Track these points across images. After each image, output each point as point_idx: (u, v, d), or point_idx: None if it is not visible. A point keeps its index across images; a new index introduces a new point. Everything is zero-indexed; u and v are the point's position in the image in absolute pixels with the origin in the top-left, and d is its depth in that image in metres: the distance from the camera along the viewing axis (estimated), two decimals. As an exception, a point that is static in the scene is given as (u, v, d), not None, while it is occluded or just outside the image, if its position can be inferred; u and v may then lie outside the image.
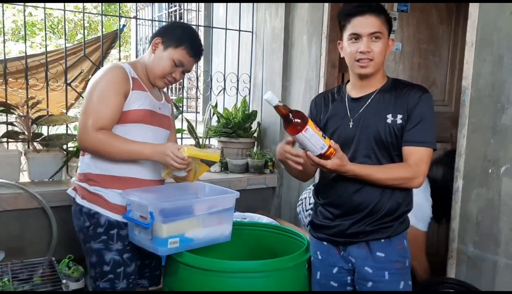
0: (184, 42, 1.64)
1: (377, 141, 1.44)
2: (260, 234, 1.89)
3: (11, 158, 2.40)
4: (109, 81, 1.57)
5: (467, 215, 1.94)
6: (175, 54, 1.64)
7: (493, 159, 1.83)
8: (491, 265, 1.84)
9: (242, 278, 1.50)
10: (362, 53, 1.42)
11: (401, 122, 1.43)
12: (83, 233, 1.64)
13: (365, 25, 1.41)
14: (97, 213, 1.61)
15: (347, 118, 1.50)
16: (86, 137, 1.55)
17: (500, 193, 1.81)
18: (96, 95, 1.56)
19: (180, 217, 1.53)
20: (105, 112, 1.54)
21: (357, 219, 1.48)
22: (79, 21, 9.23)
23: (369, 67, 1.44)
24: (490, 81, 1.84)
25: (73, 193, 1.69)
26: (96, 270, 1.64)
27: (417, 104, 1.43)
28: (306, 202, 2.22)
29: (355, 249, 1.50)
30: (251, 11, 3.33)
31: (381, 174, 1.42)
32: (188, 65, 1.70)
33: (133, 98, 1.60)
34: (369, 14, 1.41)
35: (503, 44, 1.79)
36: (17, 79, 2.74)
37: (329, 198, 1.55)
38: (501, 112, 1.80)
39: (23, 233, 2.30)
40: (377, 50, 1.42)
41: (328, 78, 2.67)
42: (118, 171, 1.62)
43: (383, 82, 1.51)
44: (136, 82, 1.63)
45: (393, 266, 1.48)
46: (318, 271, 1.59)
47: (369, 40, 1.41)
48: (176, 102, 3.24)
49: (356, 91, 1.52)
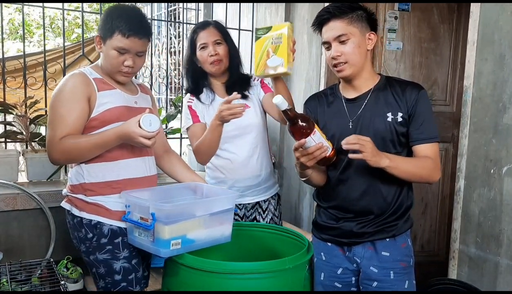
0: (115, 27, 1.52)
1: (377, 140, 1.43)
2: (260, 234, 1.87)
3: (9, 158, 2.39)
4: (68, 90, 1.53)
5: (468, 216, 1.93)
6: (113, 43, 1.54)
7: (495, 159, 1.82)
8: (493, 266, 1.83)
9: (242, 279, 1.48)
10: (334, 59, 1.44)
11: (402, 120, 1.44)
12: (86, 245, 1.60)
13: (329, 31, 1.43)
14: (99, 223, 1.58)
15: (347, 119, 1.49)
16: (52, 149, 1.52)
17: (502, 193, 1.80)
18: (57, 106, 1.53)
19: (182, 218, 1.52)
20: (68, 121, 1.51)
21: (362, 221, 1.48)
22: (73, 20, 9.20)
23: (346, 70, 1.44)
24: (492, 80, 1.83)
25: (67, 206, 1.64)
26: (107, 281, 1.60)
27: (417, 101, 1.44)
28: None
29: (360, 249, 1.50)
30: (251, 10, 3.32)
31: (411, 166, 1.42)
32: (133, 47, 1.54)
33: (101, 99, 1.56)
34: (332, 21, 1.43)
35: (505, 43, 1.78)
36: (15, 78, 2.73)
37: (332, 202, 1.54)
38: (503, 111, 1.79)
39: (21, 234, 2.29)
40: (348, 50, 1.42)
41: (329, 77, 2.66)
42: (112, 175, 1.59)
43: (375, 81, 1.50)
44: (101, 82, 1.59)
45: (398, 266, 1.48)
46: (322, 272, 1.58)
47: (337, 44, 1.42)
48: (175, 102, 3.22)
49: (349, 92, 1.52)
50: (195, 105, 1.99)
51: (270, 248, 1.84)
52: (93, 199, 1.59)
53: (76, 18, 9.18)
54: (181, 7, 5.28)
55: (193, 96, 2.00)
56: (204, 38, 1.91)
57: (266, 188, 2.04)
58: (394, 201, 1.47)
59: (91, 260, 1.61)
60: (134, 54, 1.57)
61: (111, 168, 1.59)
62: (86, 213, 1.59)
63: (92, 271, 1.64)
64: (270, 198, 2.06)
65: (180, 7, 5.28)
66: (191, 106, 1.98)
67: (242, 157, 1.96)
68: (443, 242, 2.75)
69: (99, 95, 1.56)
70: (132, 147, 1.62)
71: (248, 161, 1.96)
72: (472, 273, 1.92)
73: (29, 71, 2.64)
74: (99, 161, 1.58)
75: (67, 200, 1.66)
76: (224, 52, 1.93)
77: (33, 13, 8.99)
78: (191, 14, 5.16)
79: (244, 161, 1.96)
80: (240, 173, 1.97)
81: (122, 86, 1.65)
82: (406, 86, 1.47)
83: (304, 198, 2.85)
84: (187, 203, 1.65)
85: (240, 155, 1.96)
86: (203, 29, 1.93)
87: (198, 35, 1.93)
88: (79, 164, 1.60)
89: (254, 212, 2.04)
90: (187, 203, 1.65)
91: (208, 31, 1.92)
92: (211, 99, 1.98)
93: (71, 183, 1.64)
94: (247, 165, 1.96)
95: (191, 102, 1.98)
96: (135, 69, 1.61)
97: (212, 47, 1.90)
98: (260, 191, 2.02)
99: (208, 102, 1.97)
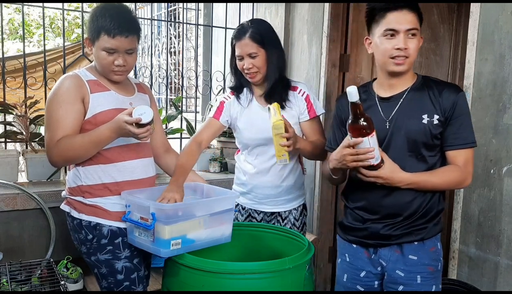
0: (101, 28, 1.50)
1: (410, 141, 1.41)
2: (260, 235, 1.87)
3: (9, 158, 2.38)
4: (62, 93, 1.53)
5: (468, 216, 1.93)
6: (100, 44, 1.53)
7: (494, 159, 1.82)
8: (492, 266, 1.84)
9: (242, 279, 1.48)
10: (398, 50, 1.35)
11: (438, 122, 1.40)
12: (86, 247, 1.60)
13: (402, 20, 1.34)
14: (98, 224, 1.58)
15: (381, 118, 1.44)
16: (51, 152, 1.53)
17: (502, 193, 1.80)
18: (52, 109, 1.53)
19: (182, 219, 1.52)
20: (64, 123, 1.51)
21: (390, 223, 1.44)
22: (73, 20, 9.20)
23: (404, 65, 1.38)
24: (492, 80, 1.83)
25: (67, 208, 1.64)
26: (109, 281, 1.61)
27: (454, 105, 1.39)
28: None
29: (386, 251, 1.47)
30: (251, 10, 3.32)
31: (437, 178, 1.40)
32: (121, 46, 1.52)
33: (94, 101, 1.56)
34: (406, 10, 1.35)
35: (505, 43, 1.78)
36: (15, 78, 2.72)
37: (359, 202, 1.51)
38: (503, 111, 1.79)
39: (21, 234, 2.29)
40: (413, 46, 1.36)
41: (329, 77, 2.66)
42: (109, 177, 1.59)
43: (412, 80, 1.46)
44: (95, 84, 1.58)
45: (425, 270, 1.45)
46: (345, 274, 1.56)
47: (406, 37, 1.35)
48: (175, 102, 3.22)
49: (385, 90, 1.47)
50: (230, 104, 1.95)
51: (270, 248, 1.84)
52: (91, 201, 1.59)
53: (76, 18, 9.18)
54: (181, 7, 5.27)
55: (233, 94, 1.97)
56: (239, 51, 1.83)
57: (287, 200, 1.97)
58: (424, 204, 1.43)
59: (92, 261, 1.61)
60: (123, 53, 1.54)
61: (107, 170, 1.59)
62: (85, 215, 1.59)
63: (94, 272, 1.65)
64: (292, 209, 2.00)
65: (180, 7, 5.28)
66: (223, 103, 1.95)
67: (264, 165, 1.92)
68: (443, 242, 2.74)
69: (92, 97, 1.55)
70: (130, 148, 1.62)
71: (269, 171, 1.92)
72: (472, 273, 1.92)
73: (29, 71, 2.63)
74: (96, 163, 1.58)
75: (66, 203, 1.66)
76: (261, 63, 1.83)
77: (33, 13, 8.99)
78: (191, 14, 5.16)
79: (265, 170, 1.93)
80: (260, 180, 1.94)
81: (117, 87, 1.64)
82: (444, 87, 1.42)
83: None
84: (187, 203, 1.65)
85: (263, 163, 1.93)
86: (238, 40, 1.83)
87: (235, 44, 1.85)
88: (76, 167, 1.60)
89: (273, 220, 2.01)
90: (188, 203, 1.65)
91: (243, 43, 1.82)
92: (249, 100, 1.94)
93: (69, 186, 1.64)
94: (267, 174, 1.93)
95: (227, 100, 1.96)
96: (128, 67, 1.59)
97: (247, 60, 1.82)
98: (279, 202, 1.97)
99: (246, 105, 1.94)
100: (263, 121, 1.82)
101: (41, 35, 7.56)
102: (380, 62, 1.42)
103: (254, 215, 2.01)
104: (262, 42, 1.82)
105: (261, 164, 1.93)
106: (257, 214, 2.00)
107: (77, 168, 1.60)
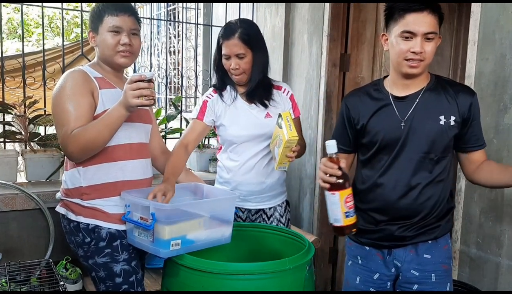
0: (104, 13, 1.56)
1: (427, 142, 1.40)
2: (260, 235, 1.87)
3: (8, 158, 2.38)
4: (71, 86, 1.52)
5: (469, 216, 1.92)
6: (105, 26, 1.56)
7: (496, 159, 1.81)
8: (493, 267, 1.83)
9: (242, 280, 1.48)
10: (414, 53, 1.33)
11: (454, 124, 1.40)
12: (84, 250, 1.59)
13: (422, 23, 1.32)
14: (97, 227, 1.56)
15: (397, 118, 1.42)
16: (66, 144, 1.48)
17: (503, 193, 1.79)
18: (62, 103, 1.50)
19: (182, 219, 1.51)
20: (76, 115, 1.49)
21: (404, 224, 1.44)
22: (72, 19, 9.19)
23: (418, 68, 1.36)
24: (493, 80, 1.82)
25: (63, 210, 1.62)
26: (108, 284, 1.59)
27: (471, 107, 1.41)
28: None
29: (401, 252, 1.46)
30: (251, 10, 3.31)
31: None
32: (125, 24, 1.56)
33: (103, 97, 1.55)
34: (427, 12, 1.32)
35: (506, 43, 1.78)
36: (14, 78, 2.71)
37: (371, 204, 1.49)
38: (504, 111, 1.78)
39: (20, 234, 2.28)
40: (429, 50, 1.34)
41: (329, 77, 2.65)
42: (108, 177, 1.58)
43: (427, 79, 1.45)
44: (102, 80, 1.59)
45: (440, 268, 1.45)
46: (358, 276, 1.55)
47: (423, 40, 1.33)
48: (174, 101, 3.21)
49: (398, 90, 1.45)
50: (214, 102, 1.94)
51: (270, 249, 1.83)
52: (89, 203, 1.57)
53: (75, 18, 9.15)
54: (180, 7, 5.26)
55: (215, 93, 1.96)
56: (227, 50, 1.83)
57: (270, 196, 1.99)
58: (438, 204, 1.43)
59: (90, 264, 1.59)
60: (128, 33, 1.58)
61: (108, 170, 1.58)
62: (83, 218, 1.57)
63: (91, 275, 1.63)
64: (276, 206, 2.02)
65: (180, 6, 5.27)
66: (206, 102, 1.95)
67: (249, 162, 1.93)
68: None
69: (101, 93, 1.56)
70: (132, 147, 1.62)
71: (253, 167, 1.93)
72: (473, 273, 1.91)
73: (28, 70, 2.63)
74: (96, 163, 1.57)
75: (62, 205, 1.64)
76: (247, 65, 1.85)
77: (31, 12, 8.97)
78: (190, 14, 5.15)
79: (249, 167, 1.93)
80: (244, 178, 1.94)
81: (122, 85, 1.63)
82: (459, 89, 1.43)
83: (304, 198, 2.84)
84: (187, 204, 1.65)
85: (247, 160, 1.93)
86: (227, 39, 1.83)
87: (222, 43, 1.85)
88: (75, 167, 1.58)
89: (258, 218, 2.01)
90: (187, 204, 1.65)
91: (232, 43, 1.81)
92: (233, 97, 1.94)
93: (66, 187, 1.62)
94: (251, 171, 1.94)
95: (210, 98, 1.95)
96: (133, 49, 1.61)
97: (234, 60, 1.83)
98: (264, 198, 1.98)
99: (230, 102, 1.94)
100: (249, 118, 1.89)
101: (40, 34, 7.54)
102: (395, 62, 1.40)
103: (239, 214, 2.00)
104: (250, 43, 1.83)
105: (246, 161, 1.94)
106: (241, 212, 2.00)
107: (77, 168, 1.58)
